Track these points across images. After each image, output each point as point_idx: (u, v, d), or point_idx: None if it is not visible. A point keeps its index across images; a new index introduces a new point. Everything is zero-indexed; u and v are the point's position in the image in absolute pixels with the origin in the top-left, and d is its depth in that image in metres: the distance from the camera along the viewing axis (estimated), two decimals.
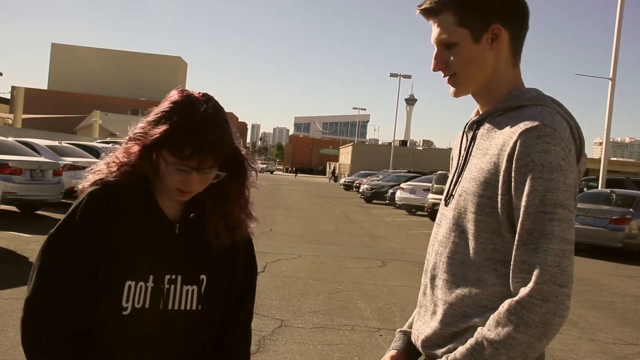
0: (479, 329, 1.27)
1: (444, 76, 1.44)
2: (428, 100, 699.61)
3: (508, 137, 1.30)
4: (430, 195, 19.31)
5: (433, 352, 1.39)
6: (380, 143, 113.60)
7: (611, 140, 24.59)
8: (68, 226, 1.38)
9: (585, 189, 20.52)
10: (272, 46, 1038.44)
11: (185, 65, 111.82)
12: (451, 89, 1.46)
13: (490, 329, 1.24)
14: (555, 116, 1.29)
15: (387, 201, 25.64)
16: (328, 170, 79.34)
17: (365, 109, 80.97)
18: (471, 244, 1.34)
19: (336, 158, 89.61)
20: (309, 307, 6.16)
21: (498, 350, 1.21)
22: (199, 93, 1.42)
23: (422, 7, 1.42)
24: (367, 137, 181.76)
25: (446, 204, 1.45)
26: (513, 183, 1.27)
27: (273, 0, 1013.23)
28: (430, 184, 20.00)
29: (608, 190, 14.50)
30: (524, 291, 1.22)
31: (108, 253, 1.37)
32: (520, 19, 1.41)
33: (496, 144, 1.33)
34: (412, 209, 21.88)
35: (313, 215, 18.63)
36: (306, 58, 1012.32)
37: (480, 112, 1.46)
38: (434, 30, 1.41)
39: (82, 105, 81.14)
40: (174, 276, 1.42)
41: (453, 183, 1.45)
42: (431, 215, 19.42)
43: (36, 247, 5.68)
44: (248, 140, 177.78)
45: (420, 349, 1.44)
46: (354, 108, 79.10)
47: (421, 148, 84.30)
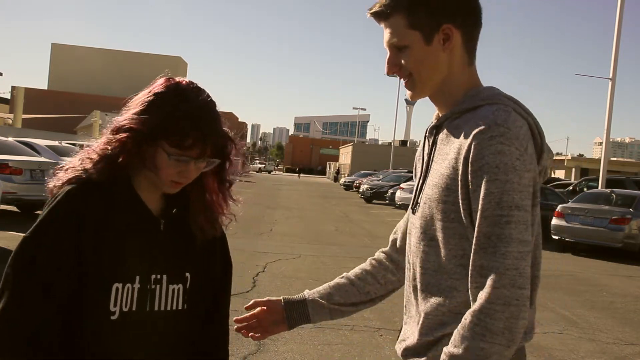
0: (445, 348, 1.24)
1: (400, 78, 1.43)
2: (428, 100, 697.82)
3: (463, 140, 1.28)
4: None
5: None
6: (380, 143, 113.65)
7: (611, 140, 24.60)
8: (46, 228, 1.27)
9: (585, 189, 20.54)
10: (272, 46, 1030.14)
11: (185, 65, 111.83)
12: (408, 93, 1.44)
13: (456, 345, 1.21)
14: (509, 114, 1.27)
15: (387, 201, 25.61)
16: (328, 170, 79.28)
17: (365, 109, 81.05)
18: (441, 252, 1.33)
19: (336, 158, 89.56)
20: None
21: None
22: (186, 81, 1.38)
23: (372, 11, 1.40)
24: (367, 137, 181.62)
25: (413, 212, 1.43)
26: (470, 186, 1.25)
27: (273, 0, 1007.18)
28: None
29: (608, 190, 14.50)
30: (483, 297, 1.20)
31: (92, 255, 1.28)
32: (471, 18, 1.39)
33: (454, 148, 1.31)
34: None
35: (313, 215, 18.62)
36: (306, 58, 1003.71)
37: (439, 116, 1.44)
38: (386, 33, 1.39)
39: (82, 105, 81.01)
40: (159, 275, 1.36)
41: (418, 190, 1.43)
42: None
43: None
44: (248, 140, 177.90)
45: (400, 356, 1.44)
46: (354, 108, 79.11)
47: None
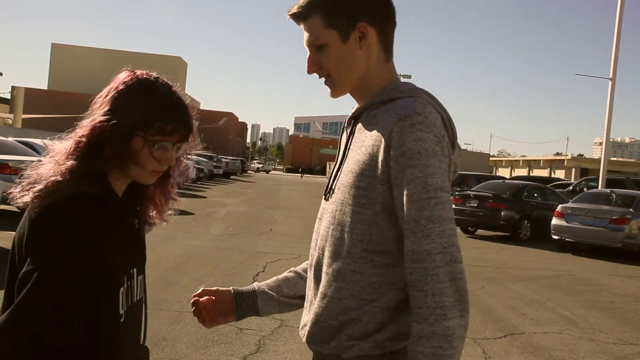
0: (409, 346, 1.26)
1: (320, 78, 1.47)
2: None
3: (383, 128, 1.32)
4: None
5: (318, 348, 1.41)
6: None
7: (611, 140, 24.61)
8: (68, 252, 1.22)
9: (585, 189, 20.54)
10: (272, 46, 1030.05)
11: (185, 65, 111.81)
12: (328, 90, 1.48)
13: (423, 341, 1.23)
14: (426, 106, 1.32)
15: None
16: (328, 170, 79.28)
17: None
18: (348, 236, 1.35)
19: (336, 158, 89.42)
20: None
21: (442, 347, 1.21)
22: (147, 73, 1.41)
23: (291, 13, 1.46)
24: None
25: (326, 199, 1.46)
26: (392, 173, 1.29)
27: (273, 0, 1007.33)
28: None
29: (608, 190, 14.50)
30: (429, 280, 1.23)
31: (100, 264, 1.27)
32: (385, 16, 1.44)
33: (372, 136, 1.35)
34: None
35: (313, 215, 18.41)
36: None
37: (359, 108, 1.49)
38: (305, 34, 1.44)
39: (82, 105, 79.45)
40: (133, 269, 1.42)
41: (333, 177, 1.47)
42: None
43: None
44: (248, 140, 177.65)
45: (307, 345, 1.46)
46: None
47: None
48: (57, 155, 1.33)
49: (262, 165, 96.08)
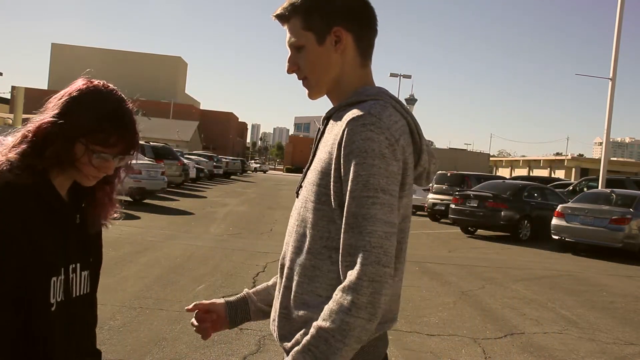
0: (314, 323, 1.29)
1: (299, 79, 1.52)
2: (428, 100, 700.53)
3: (339, 127, 1.37)
4: (430, 195, 19.32)
5: (284, 345, 1.44)
6: None
7: (611, 140, 24.59)
8: None
9: (585, 189, 20.54)
10: (272, 46, 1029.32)
11: (185, 65, 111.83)
12: (306, 92, 1.53)
13: (325, 319, 1.27)
14: (386, 109, 1.35)
15: None
16: None
17: None
18: (310, 232, 1.39)
19: None
20: None
21: (334, 337, 1.24)
22: (103, 83, 1.46)
23: (275, 14, 1.52)
24: None
25: (297, 196, 1.50)
26: (342, 170, 1.33)
27: (273, 0, 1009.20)
28: (430, 184, 20.00)
29: (608, 190, 14.51)
30: (352, 274, 1.26)
31: (29, 253, 1.33)
32: (363, 22, 1.48)
33: (332, 135, 1.40)
34: (412, 209, 21.79)
35: None
36: None
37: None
38: (287, 34, 1.50)
39: None
40: (75, 264, 1.46)
41: (303, 176, 1.51)
42: (431, 215, 19.43)
43: None
44: (248, 140, 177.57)
45: (276, 339, 1.49)
46: None
47: None
48: (3, 147, 1.40)
49: (260, 165, 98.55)
